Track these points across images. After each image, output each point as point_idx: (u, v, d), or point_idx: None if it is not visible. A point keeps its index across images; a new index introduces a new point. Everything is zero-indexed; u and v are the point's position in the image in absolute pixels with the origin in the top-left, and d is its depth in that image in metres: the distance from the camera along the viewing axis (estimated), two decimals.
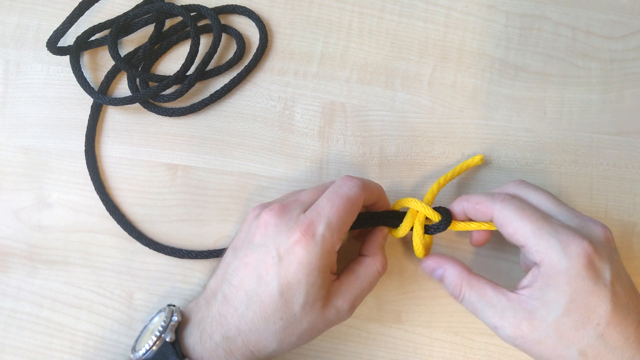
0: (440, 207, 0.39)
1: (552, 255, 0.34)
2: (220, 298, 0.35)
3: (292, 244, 0.34)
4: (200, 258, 0.43)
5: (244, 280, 0.35)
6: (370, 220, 0.39)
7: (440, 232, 0.39)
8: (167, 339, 0.34)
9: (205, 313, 0.35)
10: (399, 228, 0.39)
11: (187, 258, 0.43)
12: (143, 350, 0.34)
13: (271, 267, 0.34)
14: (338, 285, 0.36)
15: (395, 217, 0.40)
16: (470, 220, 0.39)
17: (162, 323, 0.35)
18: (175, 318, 0.35)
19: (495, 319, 0.34)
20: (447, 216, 0.39)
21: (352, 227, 0.37)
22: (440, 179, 0.41)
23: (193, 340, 0.34)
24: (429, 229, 0.39)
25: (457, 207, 0.39)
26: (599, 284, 0.33)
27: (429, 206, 0.39)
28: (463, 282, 0.36)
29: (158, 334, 0.34)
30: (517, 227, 0.35)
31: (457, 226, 0.39)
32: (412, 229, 0.39)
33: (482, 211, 0.37)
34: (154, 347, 0.34)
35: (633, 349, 0.33)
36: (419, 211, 0.39)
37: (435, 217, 0.39)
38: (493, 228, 0.38)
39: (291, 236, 0.34)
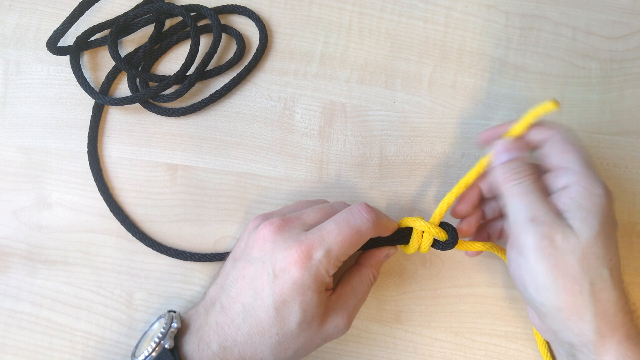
0: (445, 222, 0.39)
1: (590, 179, 0.34)
2: (218, 308, 0.35)
3: (288, 263, 0.34)
4: (203, 261, 0.43)
5: (241, 292, 0.35)
6: (378, 244, 0.39)
7: (447, 250, 0.39)
8: (166, 346, 0.34)
9: (203, 321, 0.35)
10: (408, 246, 0.39)
11: (190, 260, 0.43)
12: (142, 357, 0.34)
13: (266, 284, 0.34)
14: (335, 300, 0.36)
15: (402, 237, 0.39)
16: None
17: (162, 329, 0.35)
18: (174, 325, 0.35)
19: (540, 211, 0.34)
20: (453, 235, 0.38)
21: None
22: (453, 190, 0.39)
23: (191, 347, 0.35)
24: (437, 244, 0.39)
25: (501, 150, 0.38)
26: (615, 223, 0.35)
27: (434, 225, 0.38)
28: (534, 174, 0.36)
29: (157, 340, 0.34)
30: (575, 149, 0.36)
31: (462, 245, 0.39)
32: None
33: (543, 130, 0.37)
34: (154, 354, 0.34)
35: (625, 294, 0.35)
36: (426, 232, 0.38)
37: (442, 236, 0.38)
38: (495, 251, 0.40)
39: (288, 255, 0.34)
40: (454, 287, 0.43)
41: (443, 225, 0.39)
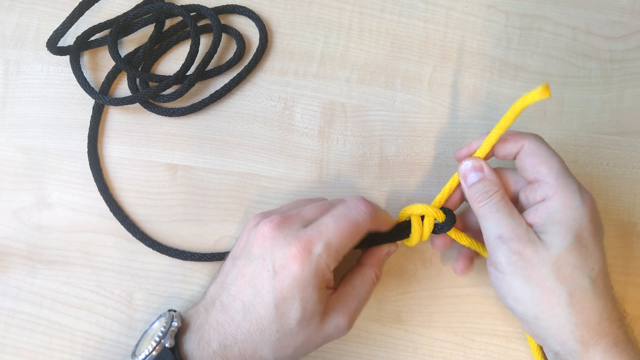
0: (443, 207, 0.40)
1: (567, 192, 0.34)
2: (218, 306, 0.35)
3: (287, 259, 0.34)
4: (203, 260, 0.43)
5: (241, 290, 0.35)
6: (378, 240, 0.39)
7: (445, 232, 0.39)
8: (167, 345, 0.34)
9: (204, 320, 0.36)
10: (410, 238, 0.39)
11: (190, 260, 0.43)
12: (143, 356, 0.34)
13: (266, 281, 0.34)
14: (336, 299, 0.36)
15: (402, 231, 0.39)
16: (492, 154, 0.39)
17: (162, 328, 0.35)
18: (175, 324, 0.35)
19: (507, 228, 0.35)
20: (451, 216, 0.39)
21: (358, 247, 0.37)
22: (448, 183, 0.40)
23: (191, 346, 0.35)
24: (435, 228, 0.39)
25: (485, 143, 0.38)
26: (599, 232, 0.35)
27: (435, 208, 0.39)
28: (500, 187, 0.37)
29: (158, 339, 0.34)
30: (546, 160, 0.36)
31: (454, 234, 0.40)
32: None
33: (510, 145, 0.37)
34: (154, 353, 0.34)
35: (613, 301, 0.34)
36: (426, 215, 0.39)
37: (441, 217, 0.39)
38: (478, 248, 0.40)
39: (288, 251, 0.34)
40: (454, 287, 0.43)
41: (440, 209, 0.39)
